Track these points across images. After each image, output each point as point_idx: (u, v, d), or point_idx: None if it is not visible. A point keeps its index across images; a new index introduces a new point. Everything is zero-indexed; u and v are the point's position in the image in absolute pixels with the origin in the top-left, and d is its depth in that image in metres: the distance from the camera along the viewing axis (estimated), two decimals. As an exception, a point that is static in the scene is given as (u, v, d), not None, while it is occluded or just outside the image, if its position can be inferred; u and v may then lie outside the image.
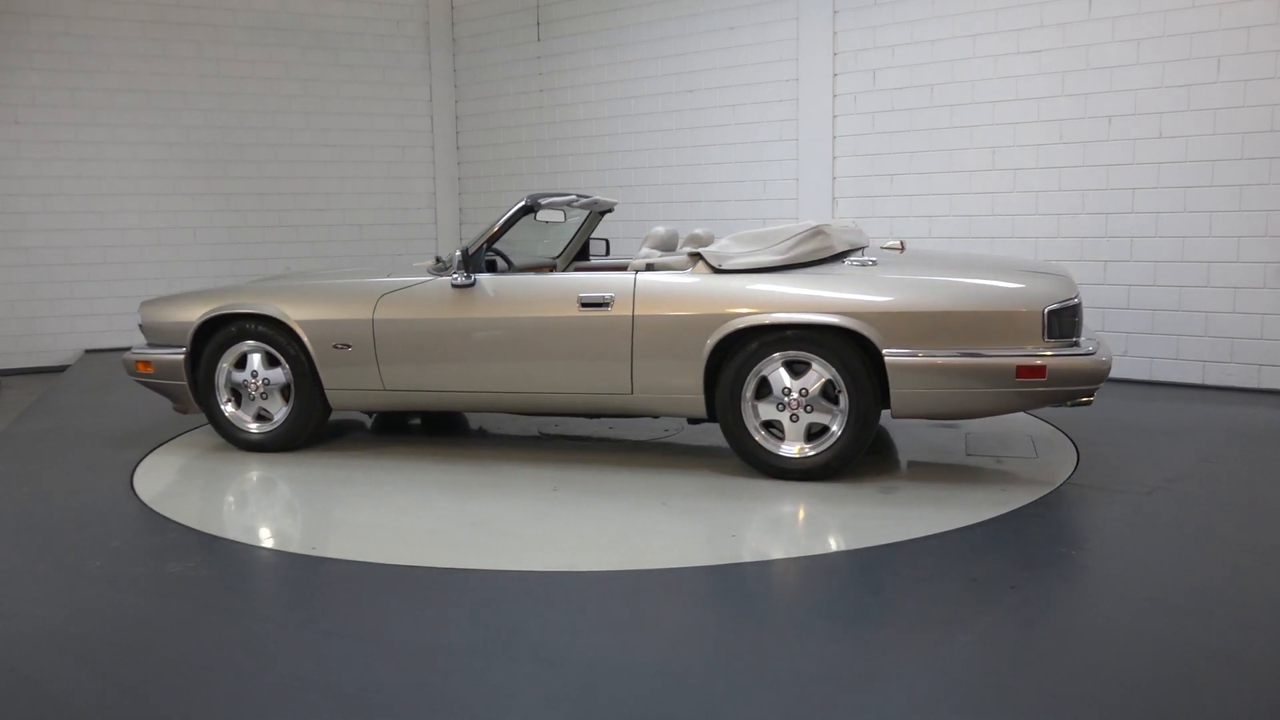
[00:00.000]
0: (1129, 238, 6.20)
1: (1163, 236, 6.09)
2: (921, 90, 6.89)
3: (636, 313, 4.26)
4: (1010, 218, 6.63)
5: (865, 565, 3.26)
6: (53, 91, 8.30)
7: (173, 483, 4.40)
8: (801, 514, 3.83)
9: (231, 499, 4.25)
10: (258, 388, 4.83)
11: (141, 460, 4.76)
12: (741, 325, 4.08)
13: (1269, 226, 5.75)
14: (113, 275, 8.62)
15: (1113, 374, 6.31)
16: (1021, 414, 5.17)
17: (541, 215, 4.84)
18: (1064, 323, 3.87)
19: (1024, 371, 3.81)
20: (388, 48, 9.59)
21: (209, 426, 5.18)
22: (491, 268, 4.87)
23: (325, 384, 4.76)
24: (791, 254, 4.19)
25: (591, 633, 2.77)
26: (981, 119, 6.66)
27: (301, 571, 3.28)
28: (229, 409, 4.89)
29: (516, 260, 5.08)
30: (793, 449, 4.14)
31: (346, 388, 4.75)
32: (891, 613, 2.85)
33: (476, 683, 2.47)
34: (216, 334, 4.83)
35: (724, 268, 4.22)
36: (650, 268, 4.36)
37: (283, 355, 4.77)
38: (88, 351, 8.50)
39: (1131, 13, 6.04)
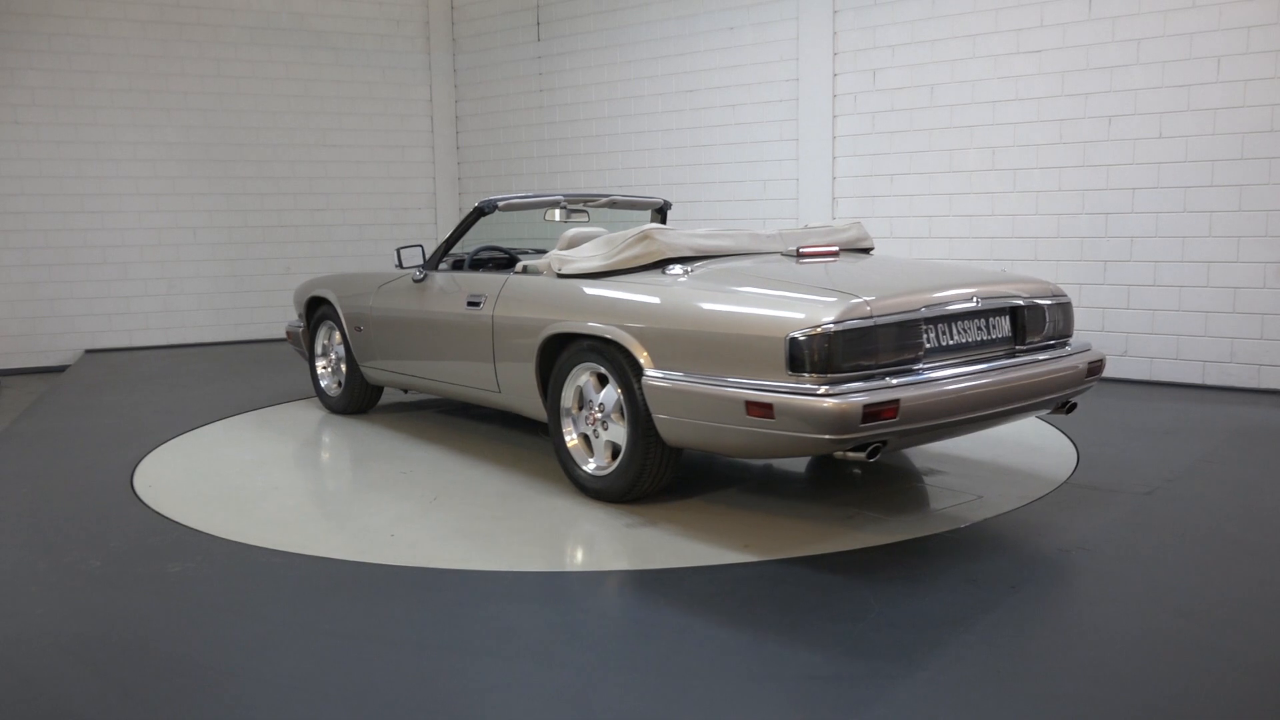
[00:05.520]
0: (1129, 238, 6.20)
1: (1163, 236, 6.09)
2: (922, 90, 6.89)
3: (496, 313, 4.33)
4: (1010, 218, 6.63)
5: (849, 569, 3.26)
6: (53, 91, 8.31)
7: (173, 483, 4.39)
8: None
9: (232, 499, 4.25)
10: (330, 360, 5.81)
11: (141, 460, 4.76)
12: (552, 332, 3.97)
13: (1269, 226, 5.75)
14: (113, 275, 8.63)
15: (1113, 374, 6.40)
16: (1042, 459, 4.47)
17: (554, 214, 4.96)
18: (827, 353, 3.10)
19: (752, 408, 3.20)
20: (388, 48, 9.59)
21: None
22: (507, 266, 4.96)
23: (357, 360, 5.48)
24: (615, 259, 3.93)
25: (595, 632, 2.77)
26: (982, 119, 6.66)
27: (301, 571, 3.28)
28: (323, 375, 5.89)
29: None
30: (591, 466, 3.92)
31: (367, 365, 5.42)
32: (891, 612, 2.84)
33: (476, 683, 2.47)
34: (316, 311, 5.81)
35: (562, 272, 4.11)
36: (525, 270, 4.35)
37: (340, 333, 5.59)
38: (88, 351, 8.50)
39: (1131, 13, 6.04)
